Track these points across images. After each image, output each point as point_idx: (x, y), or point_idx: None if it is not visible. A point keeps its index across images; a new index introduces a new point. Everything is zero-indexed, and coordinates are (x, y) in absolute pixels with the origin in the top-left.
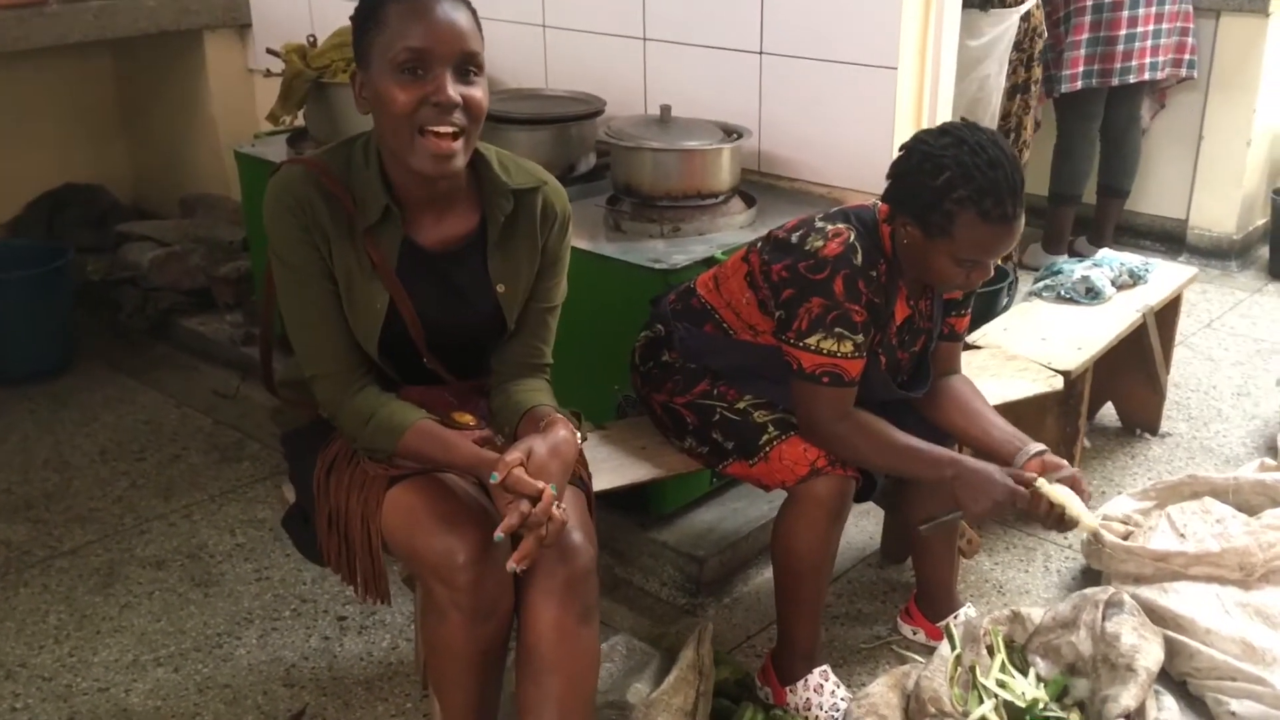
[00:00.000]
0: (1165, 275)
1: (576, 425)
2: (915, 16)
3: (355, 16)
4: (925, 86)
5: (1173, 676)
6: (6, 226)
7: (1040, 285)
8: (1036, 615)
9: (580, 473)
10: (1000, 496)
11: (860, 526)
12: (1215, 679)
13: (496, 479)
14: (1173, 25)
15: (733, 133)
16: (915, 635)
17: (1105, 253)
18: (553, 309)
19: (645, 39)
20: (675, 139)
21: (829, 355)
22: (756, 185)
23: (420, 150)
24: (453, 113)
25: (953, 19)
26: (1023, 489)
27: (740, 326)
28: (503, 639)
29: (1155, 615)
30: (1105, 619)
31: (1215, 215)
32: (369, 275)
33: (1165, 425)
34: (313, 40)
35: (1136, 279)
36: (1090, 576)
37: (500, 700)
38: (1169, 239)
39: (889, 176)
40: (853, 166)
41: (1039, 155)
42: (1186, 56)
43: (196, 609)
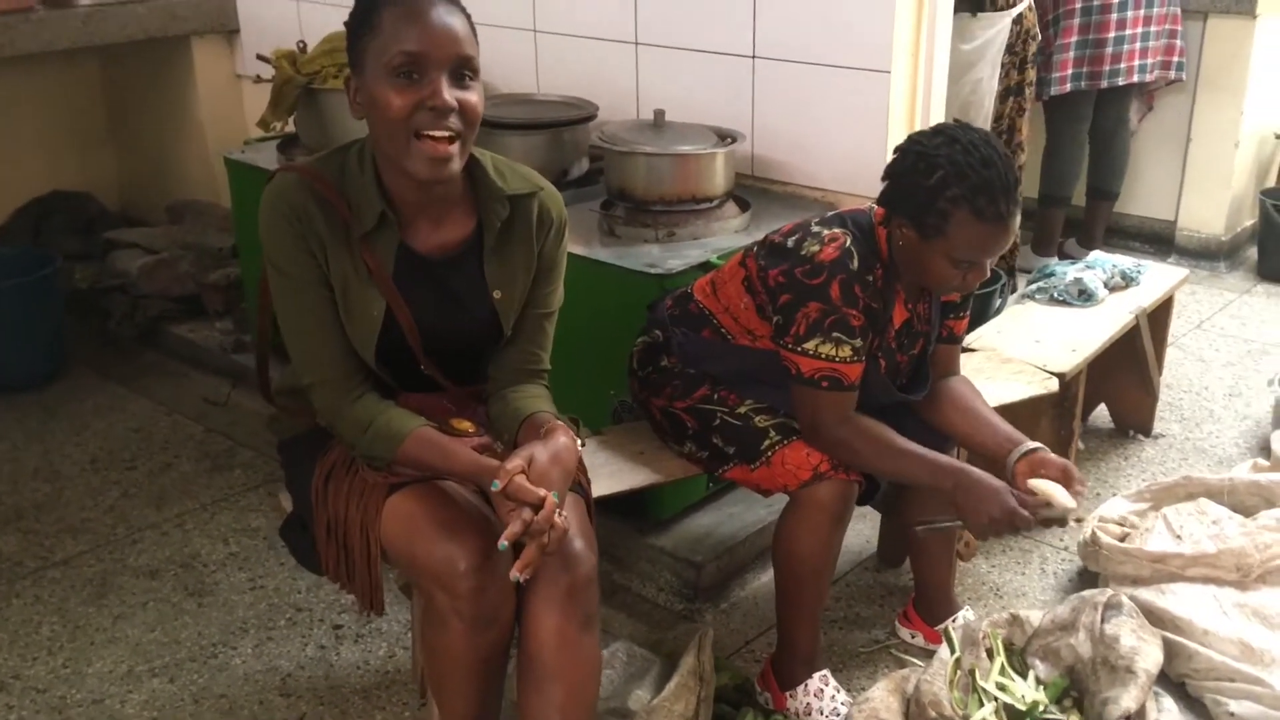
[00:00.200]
0: (1157, 277)
1: (575, 431)
2: (908, 20)
3: (350, 21)
4: (918, 90)
5: (1171, 678)
6: None
7: (1033, 287)
8: (1035, 618)
9: (579, 479)
10: (998, 514)
11: (856, 530)
12: (1214, 680)
13: (498, 487)
14: (1161, 28)
15: (726, 137)
16: (914, 639)
17: (1097, 254)
18: (550, 315)
19: (637, 43)
20: (669, 143)
21: (827, 360)
22: (750, 189)
23: (416, 154)
24: (448, 117)
25: (945, 22)
26: (1024, 512)
27: (739, 331)
28: (504, 647)
29: (1153, 617)
30: (1104, 621)
31: (1204, 217)
32: (365, 282)
33: (1158, 426)
34: (303, 46)
35: (1128, 281)
36: (1087, 578)
37: (501, 708)
38: (1158, 240)
39: (884, 178)
40: (846, 170)
41: (1030, 158)
42: (1175, 59)
43: (191, 619)
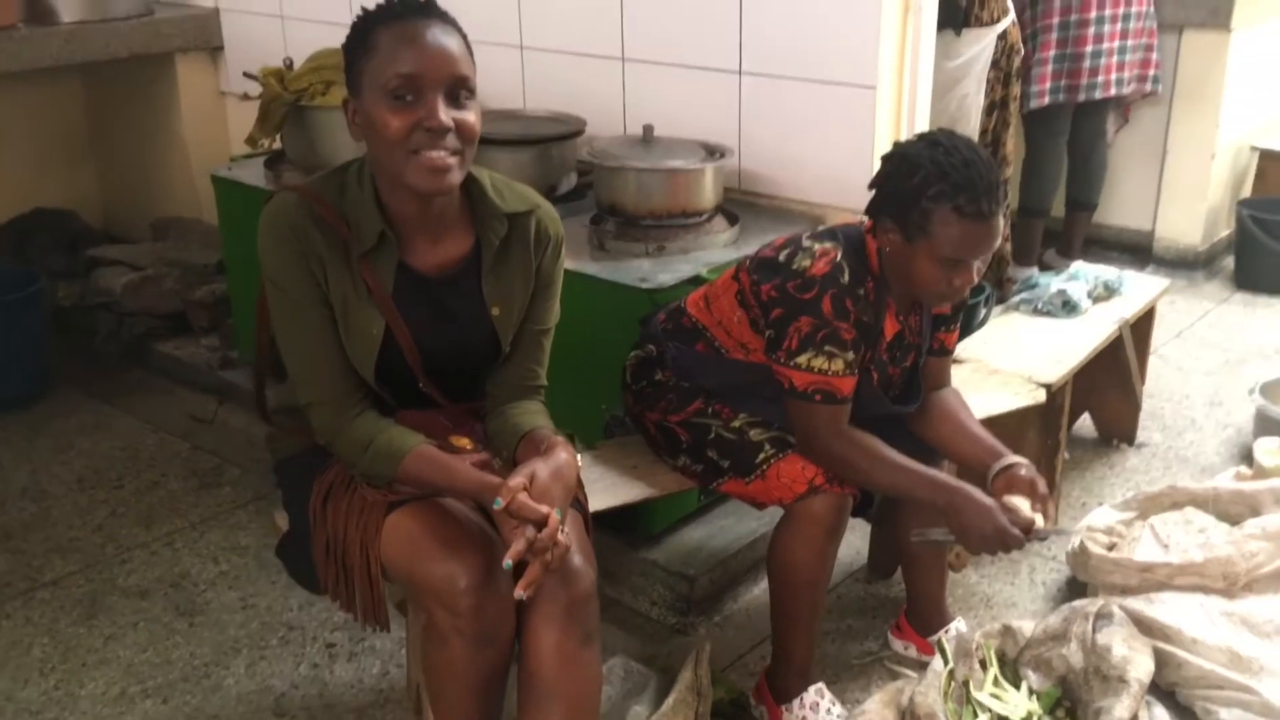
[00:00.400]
0: (1139, 287)
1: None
2: (892, 36)
3: (346, 44)
4: (903, 105)
5: (1161, 686)
6: None
7: (1018, 299)
8: (1027, 628)
9: (577, 495)
10: (990, 533)
11: (847, 541)
12: (1204, 688)
13: (500, 505)
14: (1137, 41)
15: (715, 151)
16: (907, 650)
17: (1080, 265)
18: (546, 331)
19: (624, 59)
20: (659, 158)
21: (820, 373)
22: (738, 203)
23: (415, 168)
24: (445, 137)
25: (928, 38)
26: (1015, 531)
27: (732, 345)
28: (504, 664)
29: (1142, 625)
30: (1095, 631)
31: (1181, 227)
32: (365, 301)
33: (1141, 435)
34: (289, 63)
35: (1111, 292)
36: (1076, 588)
37: None
38: (1136, 251)
39: (871, 187)
40: (833, 184)
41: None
42: (1151, 72)
43: (182, 639)
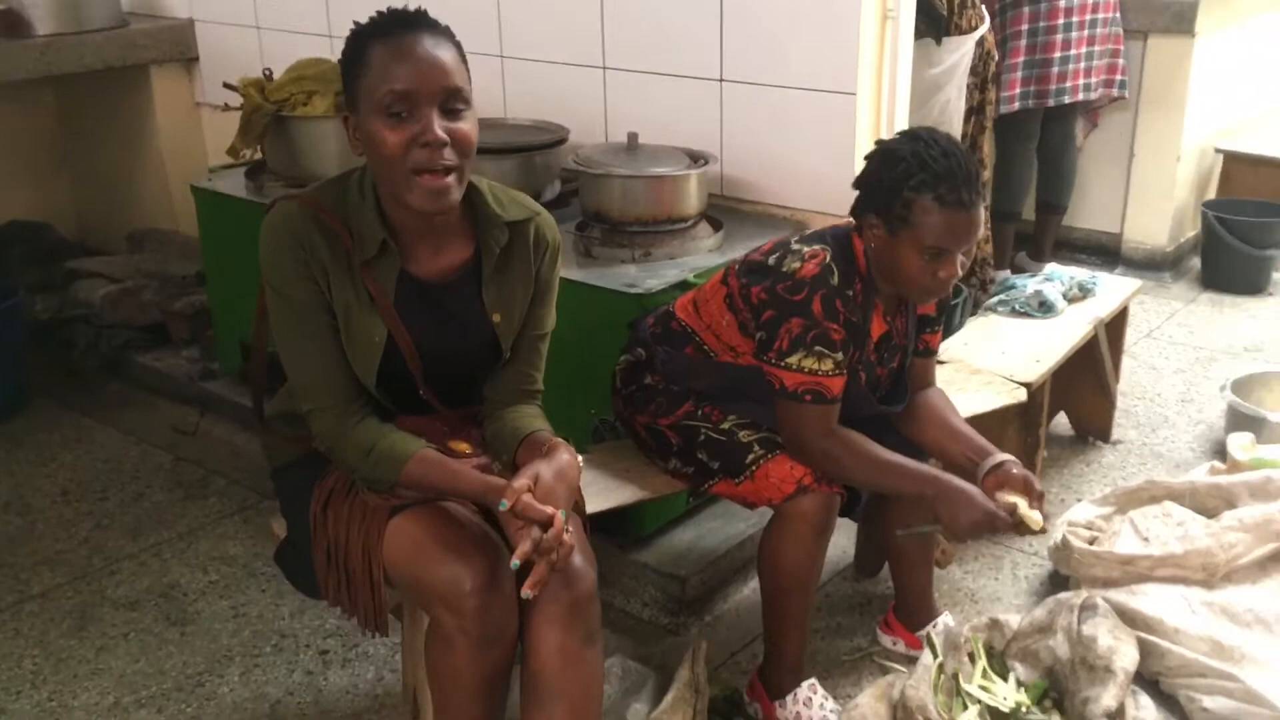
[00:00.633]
0: (1112, 288)
1: None
2: (871, 43)
3: (343, 59)
4: (882, 110)
5: (1145, 676)
6: None
7: (995, 300)
8: (1014, 621)
9: (576, 497)
10: (979, 518)
11: (833, 541)
12: (1186, 676)
13: (506, 506)
14: (1104, 47)
15: (698, 158)
16: (895, 645)
17: (1054, 267)
18: (544, 336)
19: (605, 68)
20: (644, 165)
21: (810, 373)
22: (721, 209)
23: (416, 189)
24: (442, 151)
25: (906, 44)
26: (1001, 513)
27: (721, 349)
28: (508, 665)
29: (1125, 617)
30: (1081, 622)
31: (1148, 229)
32: (367, 308)
33: (1116, 433)
34: (269, 74)
35: (1085, 292)
36: (1058, 581)
37: None
38: (1104, 252)
39: (855, 185)
40: (815, 189)
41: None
42: (1118, 77)
43: (175, 649)
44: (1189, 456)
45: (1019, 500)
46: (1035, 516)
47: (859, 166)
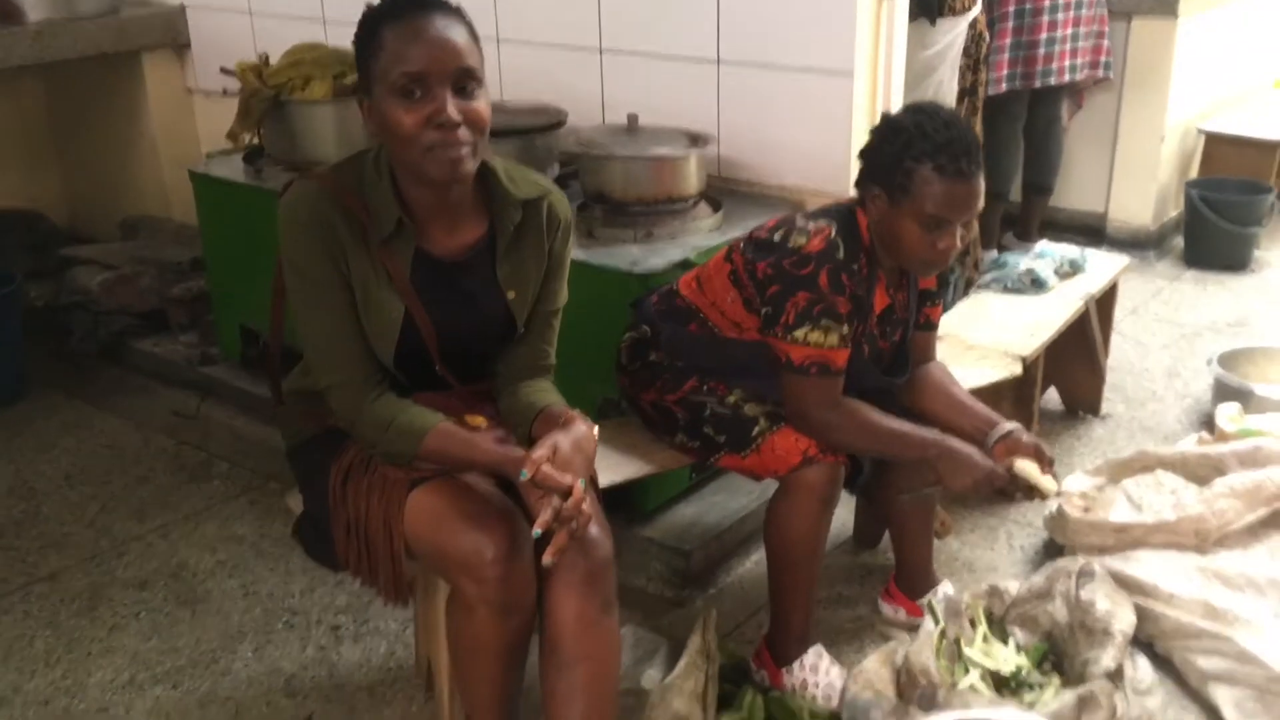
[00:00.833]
0: (1102, 265)
1: None
2: (867, 24)
3: (356, 42)
4: (878, 91)
5: (1141, 639)
6: None
7: (988, 278)
8: (1013, 588)
9: (592, 468)
10: (979, 475)
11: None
12: (1181, 638)
13: (527, 476)
14: (1089, 29)
15: (698, 139)
16: (896, 614)
17: (1045, 245)
18: (556, 312)
19: (601, 50)
20: (644, 146)
21: (816, 346)
22: (718, 190)
23: (432, 160)
24: (456, 130)
25: (901, 25)
26: (1000, 469)
27: (725, 325)
28: (527, 632)
29: (1120, 583)
30: (1079, 588)
31: (1133, 208)
32: (385, 286)
33: (1105, 407)
34: (265, 59)
35: (1076, 269)
36: (1053, 550)
37: (521, 693)
38: (1090, 231)
39: (860, 156)
40: (812, 170)
41: None
42: (1102, 59)
43: (187, 627)
44: (1177, 429)
45: (1029, 465)
46: (1048, 482)
47: (855, 147)
